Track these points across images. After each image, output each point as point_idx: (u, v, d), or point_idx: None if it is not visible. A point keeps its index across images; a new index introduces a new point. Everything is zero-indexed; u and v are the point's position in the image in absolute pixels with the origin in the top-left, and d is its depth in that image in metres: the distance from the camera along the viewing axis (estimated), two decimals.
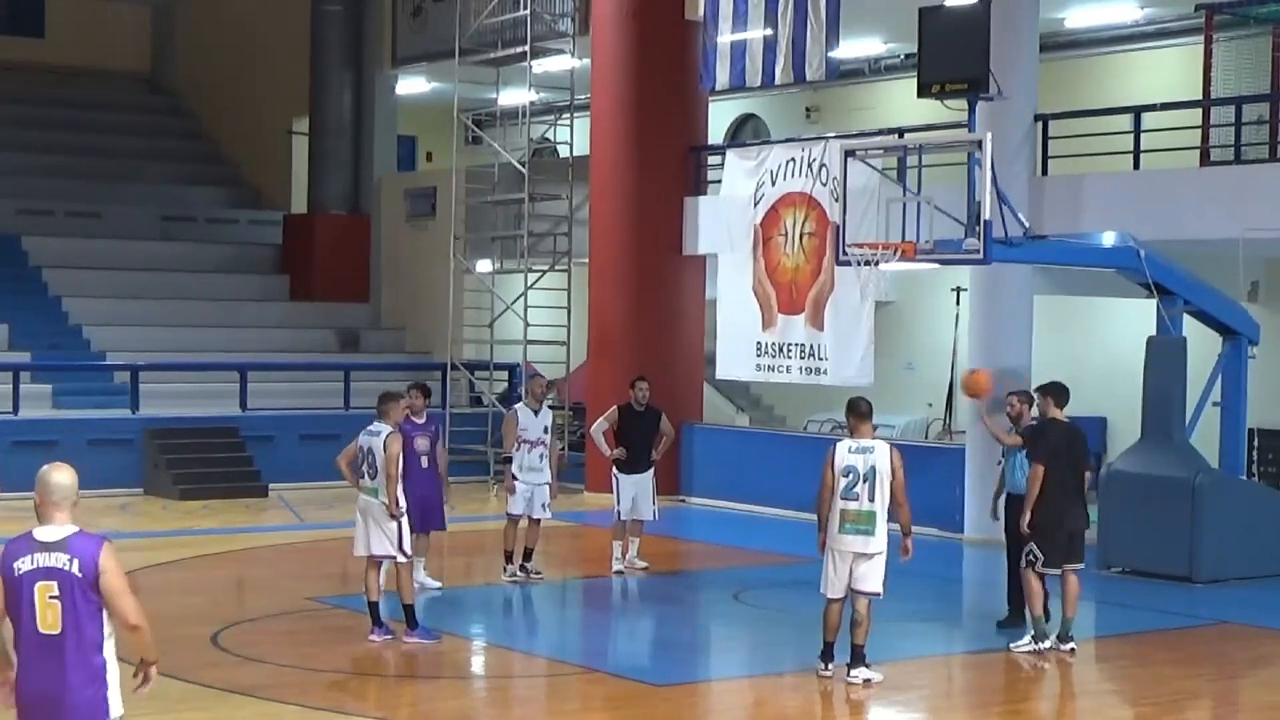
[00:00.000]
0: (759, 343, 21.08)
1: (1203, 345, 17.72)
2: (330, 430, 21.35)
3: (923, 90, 15.91)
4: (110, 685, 6.87)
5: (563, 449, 20.84)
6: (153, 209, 30.63)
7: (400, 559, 12.92)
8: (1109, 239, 17.52)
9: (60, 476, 6.89)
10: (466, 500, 16.17)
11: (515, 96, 26.32)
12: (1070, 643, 12.91)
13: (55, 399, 24.32)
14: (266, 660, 12.35)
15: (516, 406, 16.14)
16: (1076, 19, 23.69)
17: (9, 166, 29.97)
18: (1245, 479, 18.18)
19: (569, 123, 25.66)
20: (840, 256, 16.46)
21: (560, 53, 25.41)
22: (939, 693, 12.46)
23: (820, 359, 20.29)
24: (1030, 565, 12.83)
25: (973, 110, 15.62)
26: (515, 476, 15.67)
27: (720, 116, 28.51)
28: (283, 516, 21.09)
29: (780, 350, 20.82)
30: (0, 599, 6.85)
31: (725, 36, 20.71)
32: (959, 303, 22.52)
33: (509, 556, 15.98)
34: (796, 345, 20.57)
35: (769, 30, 20.07)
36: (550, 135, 27.62)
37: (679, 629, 14.66)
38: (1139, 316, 18.97)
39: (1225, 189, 18.01)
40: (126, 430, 23.05)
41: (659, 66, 22.84)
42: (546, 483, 15.80)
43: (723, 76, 20.89)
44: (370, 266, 29.96)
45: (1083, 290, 21.10)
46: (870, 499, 11.60)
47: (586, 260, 24.06)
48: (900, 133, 20.33)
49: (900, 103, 23.66)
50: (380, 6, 29.73)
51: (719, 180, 22.51)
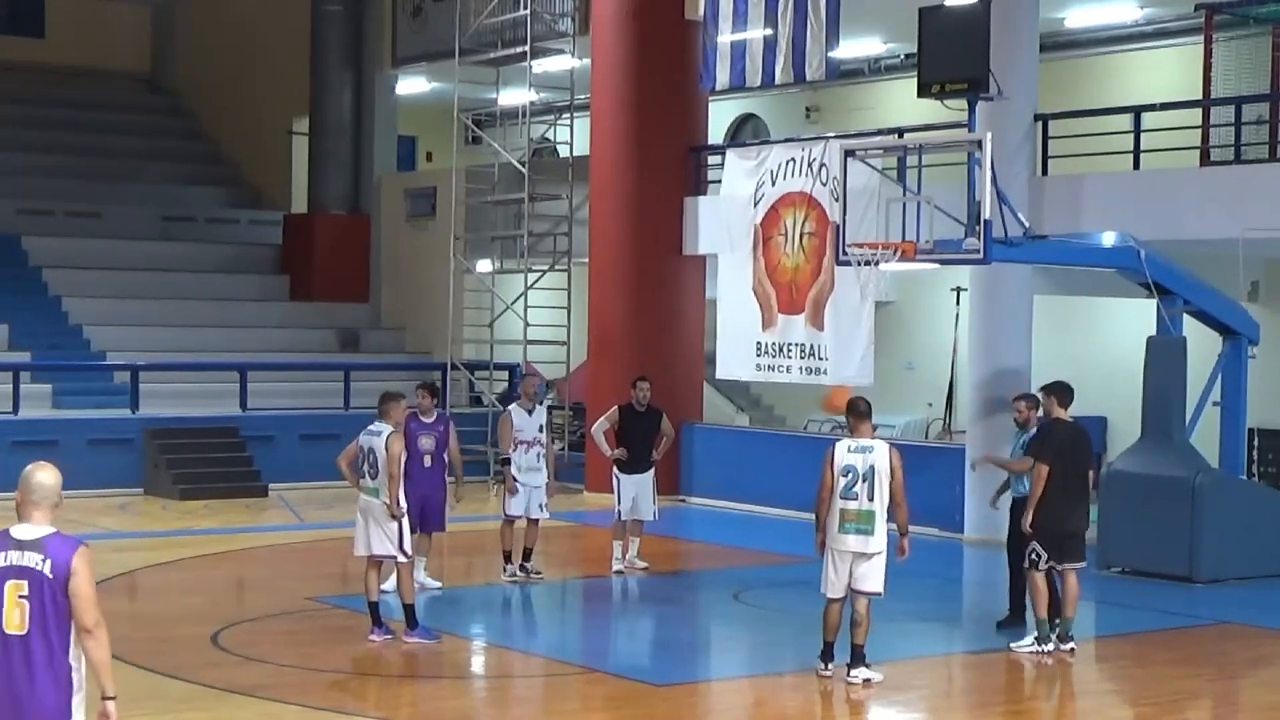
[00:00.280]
0: (759, 343, 21.07)
1: (1203, 345, 17.71)
2: (330, 430, 21.38)
3: (923, 90, 15.91)
4: (75, 692, 6.69)
5: (561, 448, 20.81)
6: (153, 209, 30.62)
7: (401, 559, 12.93)
8: (1109, 239, 17.52)
9: (43, 476, 6.75)
10: (467, 500, 16.14)
11: (515, 96, 26.30)
12: (1070, 643, 12.91)
13: (55, 399, 24.30)
14: (267, 660, 12.33)
15: (510, 407, 16.15)
16: (1076, 19, 23.69)
17: (9, 166, 29.96)
18: (1245, 479, 18.18)
19: (569, 123, 25.67)
20: (840, 256, 16.45)
21: (560, 53, 25.40)
22: (939, 693, 12.45)
23: (820, 359, 20.28)
24: (1034, 565, 12.83)
25: (973, 110, 15.61)
26: (516, 478, 15.70)
27: (720, 116, 28.50)
28: (283, 516, 21.09)
29: (780, 350, 20.80)
30: None
31: (725, 36, 20.69)
32: (959, 303, 22.53)
33: (508, 557, 15.99)
34: (796, 345, 20.56)
35: (769, 30, 20.05)
36: (550, 135, 27.61)
37: (679, 629, 14.65)
38: (1139, 316, 18.96)
39: (1225, 189, 18.00)
40: (126, 430, 23.03)
41: (659, 66, 22.83)
42: (544, 483, 15.83)
43: (723, 76, 20.87)
44: (370, 266, 29.95)
45: (1083, 290, 21.10)
46: (870, 498, 11.60)
47: (586, 260, 24.04)
48: (900, 133, 20.32)
49: (900, 103, 23.66)
50: (380, 6, 29.72)
51: (719, 180, 22.49)
